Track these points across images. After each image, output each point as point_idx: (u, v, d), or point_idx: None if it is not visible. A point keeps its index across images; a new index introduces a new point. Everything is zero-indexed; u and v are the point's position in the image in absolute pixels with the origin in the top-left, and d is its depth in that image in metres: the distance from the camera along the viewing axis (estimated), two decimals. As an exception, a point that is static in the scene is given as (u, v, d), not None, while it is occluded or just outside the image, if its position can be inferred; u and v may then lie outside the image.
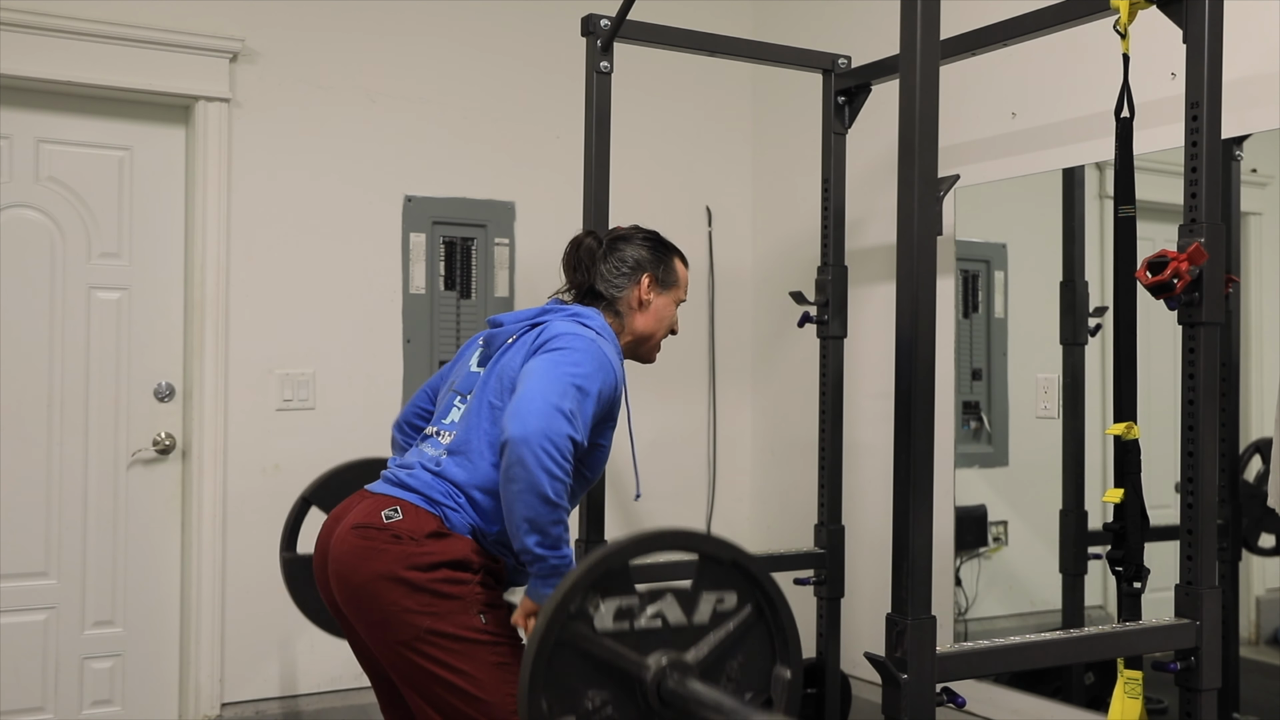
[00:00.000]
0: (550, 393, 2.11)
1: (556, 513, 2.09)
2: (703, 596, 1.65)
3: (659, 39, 3.09)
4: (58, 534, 3.46)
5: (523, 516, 2.08)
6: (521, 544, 2.11)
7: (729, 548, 1.65)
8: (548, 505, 2.07)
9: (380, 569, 2.14)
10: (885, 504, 2.08)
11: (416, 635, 2.13)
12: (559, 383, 2.13)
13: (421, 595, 2.13)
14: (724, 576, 1.66)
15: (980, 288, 3.60)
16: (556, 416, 2.08)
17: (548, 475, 2.06)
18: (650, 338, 2.50)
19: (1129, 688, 2.31)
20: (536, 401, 2.09)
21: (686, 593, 1.65)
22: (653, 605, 1.62)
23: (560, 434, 2.08)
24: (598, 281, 2.45)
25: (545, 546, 2.10)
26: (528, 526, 2.08)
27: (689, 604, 1.64)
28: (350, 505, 2.32)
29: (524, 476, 2.06)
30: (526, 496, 2.07)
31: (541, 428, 2.06)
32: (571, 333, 2.26)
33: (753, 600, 1.67)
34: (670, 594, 1.64)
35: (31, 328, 3.43)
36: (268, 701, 3.63)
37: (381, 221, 3.82)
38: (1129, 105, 2.38)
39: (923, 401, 1.93)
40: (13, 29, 3.29)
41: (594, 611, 1.58)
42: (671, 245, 2.54)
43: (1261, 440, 2.81)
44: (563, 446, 2.08)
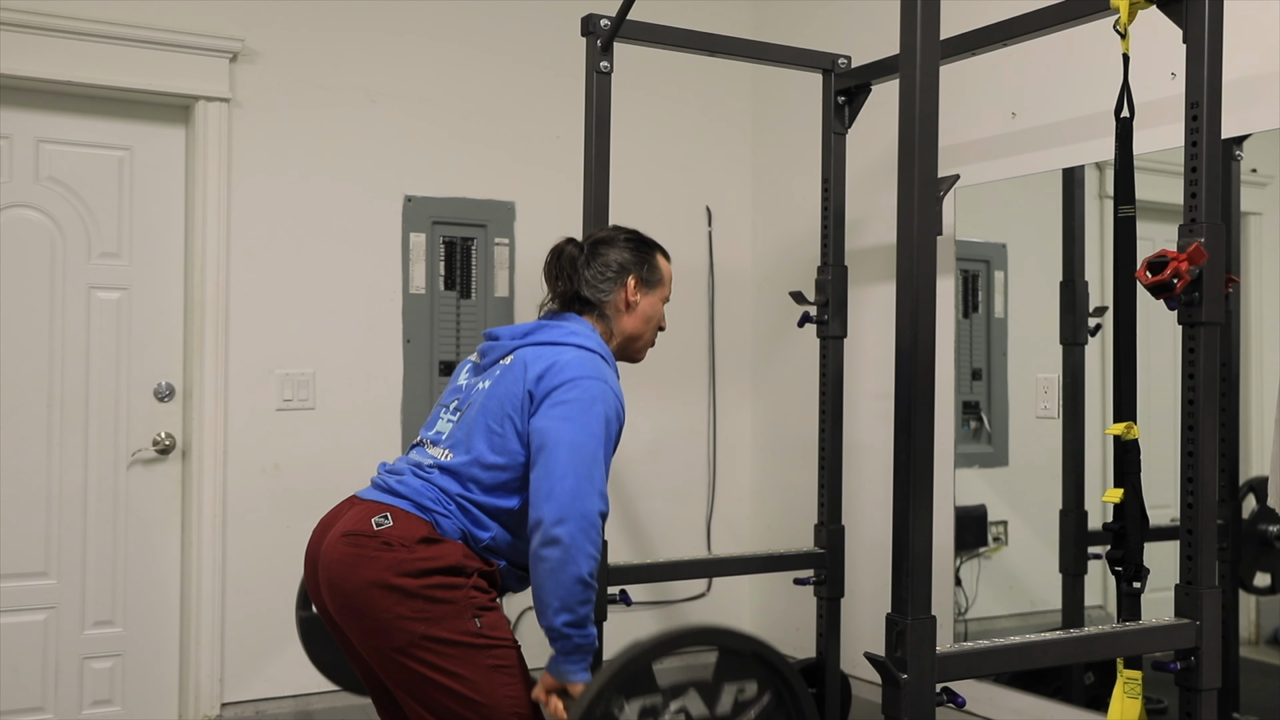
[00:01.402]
0: (580, 465, 2.13)
1: (588, 592, 2.11)
2: (724, 688, 1.67)
3: (659, 39, 3.09)
4: (58, 534, 3.46)
5: (554, 595, 2.10)
6: (549, 622, 2.12)
7: (748, 640, 1.67)
8: (582, 586, 2.10)
9: (371, 576, 2.13)
10: (885, 504, 2.08)
11: (411, 641, 2.12)
12: (587, 454, 2.15)
13: (415, 601, 2.12)
14: (743, 667, 1.68)
15: (980, 288, 3.60)
16: (590, 495, 2.12)
17: (585, 556, 2.09)
18: (639, 338, 2.49)
19: (1129, 688, 2.31)
20: (569, 480, 2.12)
21: (708, 685, 1.66)
22: (676, 701, 1.65)
23: (594, 512, 2.12)
24: (583, 288, 2.42)
25: (572, 626, 2.12)
26: (558, 604, 2.10)
27: (711, 697, 1.67)
28: (340, 512, 2.31)
29: (559, 558, 2.08)
30: (560, 577, 2.09)
31: (578, 509, 2.10)
32: (581, 376, 2.23)
33: (772, 687, 1.69)
34: (692, 688, 1.66)
35: (31, 328, 3.44)
36: (268, 701, 3.63)
37: (381, 221, 3.82)
38: (1129, 105, 2.38)
39: (923, 401, 1.93)
40: (13, 29, 3.29)
41: (619, 713, 1.59)
42: (653, 243, 2.52)
43: (1256, 479, 2.82)
44: (598, 525, 2.13)
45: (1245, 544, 2.82)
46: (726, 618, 4.37)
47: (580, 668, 2.13)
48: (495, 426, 2.24)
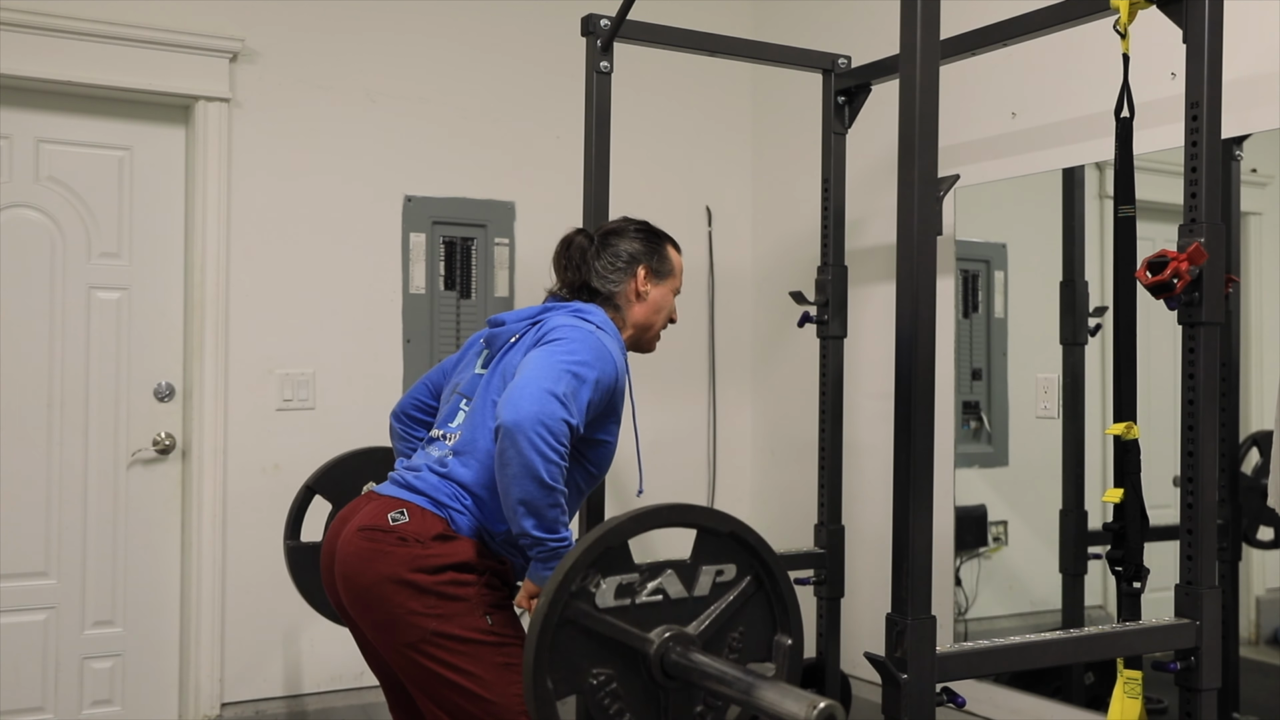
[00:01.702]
0: (544, 378, 2.11)
1: (552, 495, 2.09)
2: (702, 569, 1.66)
3: (659, 39, 3.09)
4: (58, 534, 3.46)
5: (518, 500, 2.08)
6: (519, 528, 2.11)
7: (726, 519, 1.65)
8: (542, 488, 2.07)
9: (386, 571, 2.15)
10: (885, 504, 2.08)
11: (423, 637, 2.13)
12: (553, 369, 2.14)
13: (427, 597, 2.13)
14: (722, 549, 1.66)
15: (980, 288, 3.60)
16: (549, 400, 2.09)
17: (541, 458, 2.06)
18: (650, 328, 2.51)
19: (1129, 688, 2.31)
20: (530, 387, 2.10)
21: (686, 566, 1.65)
22: (653, 580, 1.63)
23: (553, 416, 2.08)
24: (593, 278, 2.44)
25: (542, 529, 2.11)
26: (524, 510, 2.09)
27: (689, 577, 1.65)
28: (357, 507, 2.33)
29: (517, 460, 2.06)
30: (521, 480, 2.07)
31: (534, 411, 2.06)
32: (569, 324, 2.27)
33: (752, 571, 1.67)
34: (670, 568, 1.64)
35: (31, 328, 3.43)
36: (268, 701, 3.63)
37: (381, 221, 3.82)
38: (1129, 105, 2.38)
39: (923, 401, 1.93)
40: (13, 29, 3.29)
41: (595, 589, 1.58)
42: (664, 234, 2.54)
43: (1259, 433, 2.81)
44: (556, 430, 2.08)
45: (1247, 498, 2.82)
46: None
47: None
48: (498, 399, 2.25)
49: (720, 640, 1.65)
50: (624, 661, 1.60)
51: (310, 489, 2.85)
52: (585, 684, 1.57)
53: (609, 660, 1.59)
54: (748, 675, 1.54)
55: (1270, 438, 2.63)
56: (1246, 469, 2.85)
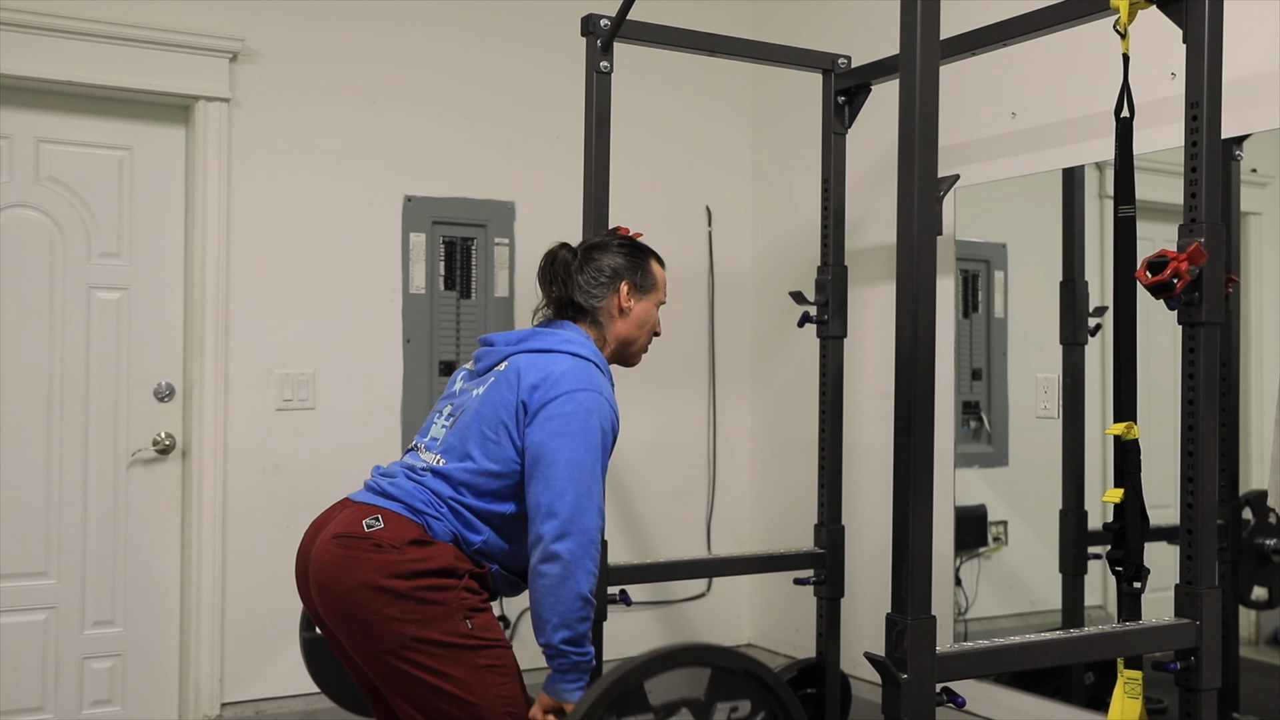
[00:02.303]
0: (579, 481, 2.16)
1: (587, 609, 2.14)
2: (717, 707, 1.67)
3: (659, 39, 3.09)
4: (58, 534, 3.46)
5: (553, 611, 2.12)
6: (547, 639, 2.14)
7: (741, 659, 1.66)
8: (582, 603, 2.13)
9: (361, 578, 2.14)
10: (885, 504, 2.08)
11: (402, 643, 2.12)
12: (585, 470, 2.18)
13: (405, 603, 2.12)
14: (737, 686, 1.67)
15: (980, 288, 3.60)
16: (590, 511, 2.15)
17: (585, 573, 2.12)
18: (633, 342, 2.50)
19: (1129, 688, 2.31)
20: (568, 495, 2.14)
21: (700, 705, 1.66)
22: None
23: (595, 528, 2.15)
24: (576, 293, 2.43)
25: (570, 644, 2.14)
26: (557, 621, 2.12)
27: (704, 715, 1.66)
28: (332, 514, 2.31)
29: (559, 574, 2.11)
30: (560, 593, 2.11)
31: (578, 525, 2.13)
32: (576, 389, 2.24)
33: (766, 707, 1.68)
34: (685, 707, 1.65)
35: (31, 328, 3.43)
36: (268, 701, 3.63)
37: (381, 221, 3.82)
38: (1129, 105, 2.38)
39: (923, 401, 1.93)
40: (13, 29, 3.29)
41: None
42: (647, 249, 2.53)
43: (1252, 493, 2.82)
44: (597, 540, 2.15)
45: (1242, 557, 2.82)
46: (726, 618, 4.37)
47: (577, 686, 2.14)
48: (490, 434, 2.25)
49: None
50: None
51: None
52: None
53: None
54: None
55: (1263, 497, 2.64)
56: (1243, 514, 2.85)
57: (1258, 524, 2.81)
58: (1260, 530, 2.80)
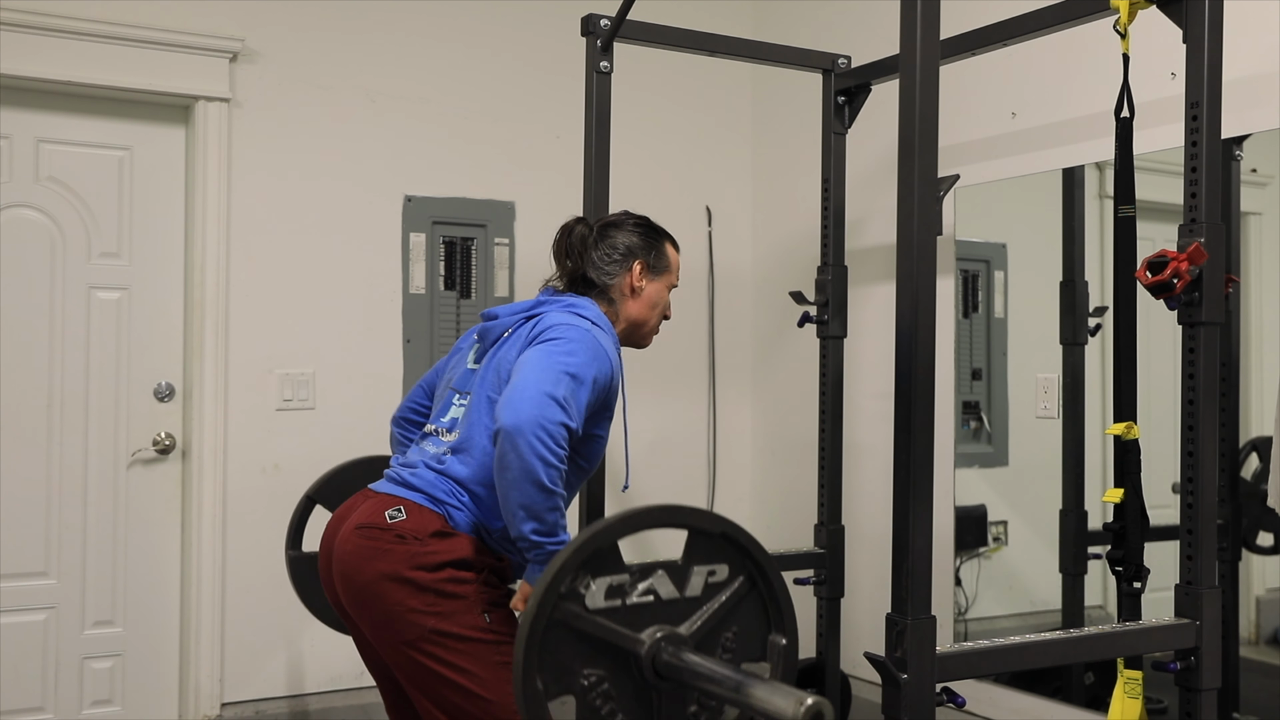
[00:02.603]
0: (543, 381, 2.12)
1: (552, 499, 2.10)
2: (694, 570, 1.65)
3: (659, 39, 3.09)
4: (58, 534, 3.46)
5: (518, 504, 2.08)
6: (518, 531, 2.11)
7: (717, 520, 1.65)
8: (543, 492, 2.08)
9: (385, 569, 2.15)
10: (885, 504, 2.08)
11: (421, 635, 2.13)
12: (552, 371, 2.14)
13: (426, 595, 2.13)
14: (714, 549, 1.66)
15: (980, 288, 3.60)
16: (549, 404, 2.09)
17: (542, 462, 2.07)
18: (644, 323, 2.51)
19: (1129, 688, 2.31)
20: (529, 390, 2.10)
21: (677, 567, 1.65)
22: (644, 581, 1.62)
23: (553, 420, 2.08)
24: (589, 269, 2.45)
25: (541, 534, 2.11)
26: (524, 514, 2.09)
27: (680, 578, 1.64)
28: (354, 505, 2.33)
29: (518, 464, 2.06)
30: (521, 484, 2.07)
31: (534, 415, 2.07)
32: (565, 323, 2.27)
33: (744, 571, 1.67)
34: (661, 569, 1.64)
35: (31, 328, 3.43)
36: (268, 701, 3.63)
37: (381, 221, 3.82)
38: (1129, 105, 2.38)
39: (923, 401, 1.93)
40: (13, 29, 3.29)
41: (585, 590, 1.57)
42: (662, 230, 2.54)
43: (1259, 438, 2.81)
44: (556, 433, 2.09)
45: (1247, 504, 2.82)
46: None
47: None
48: (494, 395, 2.26)
49: (713, 641, 1.65)
50: (615, 662, 1.59)
51: (311, 499, 2.84)
52: (577, 685, 1.57)
53: (600, 661, 1.58)
54: (739, 674, 1.54)
55: (1269, 442, 2.63)
56: (1246, 474, 2.85)
57: (1262, 470, 2.79)
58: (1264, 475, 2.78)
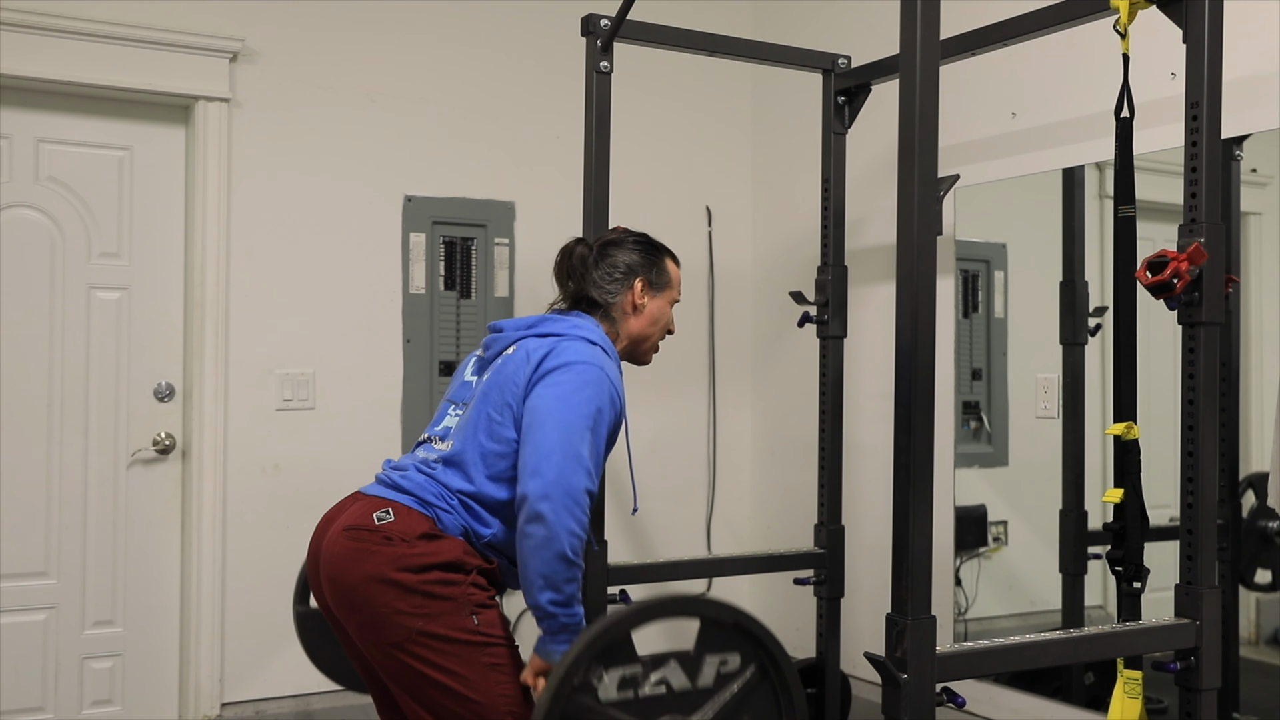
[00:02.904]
0: (567, 443, 2.13)
1: (573, 570, 2.11)
2: (706, 660, 1.65)
3: (659, 39, 3.09)
4: (58, 534, 3.46)
5: (538, 573, 2.10)
6: (534, 600, 2.12)
7: (730, 610, 1.65)
8: (565, 563, 2.09)
9: (371, 570, 2.14)
10: (885, 504, 2.08)
11: (408, 637, 2.13)
12: (574, 430, 2.15)
13: (413, 597, 2.13)
14: (726, 639, 1.66)
15: (980, 288, 3.60)
16: (576, 471, 2.11)
17: (568, 534, 2.08)
18: (646, 340, 2.51)
19: (1129, 688, 2.31)
20: (555, 456, 2.11)
21: (689, 657, 1.65)
22: (656, 672, 1.62)
23: (580, 489, 2.11)
24: (591, 289, 2.44)
25: (558, 604, 2.12)
26: (542, 583, 2.10)
27: (692, 668, 1.65)
28: (343, 507, 2.32)
29: (543, 534, 2.08)
30: (544, 554, 2.08)
31: (562, 486, 2.09)
32: (578, 361, 2.24)
33: (756, 660, 1.67)
34: (673, 659, 1.64)
35: (31, 328, 3.43)
36: (268, 701, 3.63)
37: (381, 221, 3.82)
38: (1129, 105, 2.38)
39: (923, 401, 1.93)
40: (13, 29, 3.29)
41: (598, 683, 1.58)
42: (662, 246, 2.54)
43: (1254, 475, 2.82)
44: (583, 502, 2.11)
45: (1245, 540, 2.82)
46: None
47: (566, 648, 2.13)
48: (495, 415, 2.25)
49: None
50: None
51: None
52: None
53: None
54: None
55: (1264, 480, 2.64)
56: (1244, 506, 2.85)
57: (1260, 507, 2.80)
58: (1263, 513, 2.79)
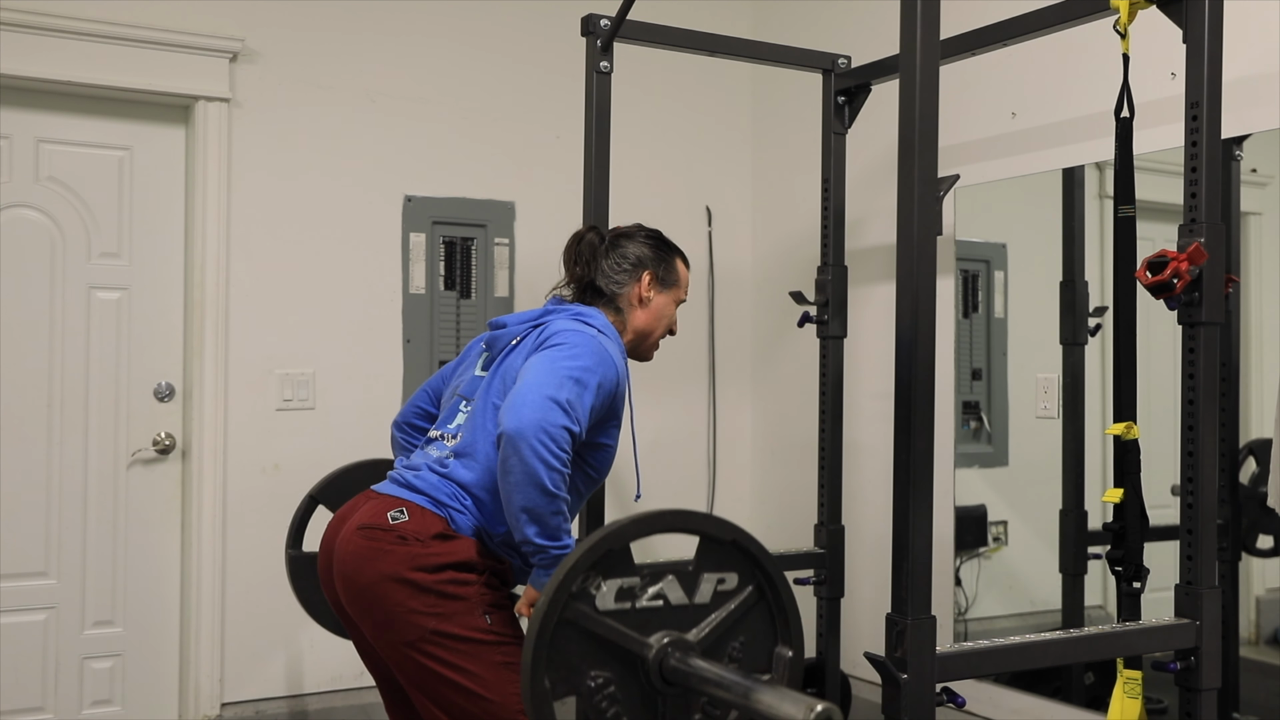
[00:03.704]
0: (546, 385, 2.12)
1: (555, 503, 2.11)
2: (704, 577, 1.65)
3: (659, 39, 3.09)
4: (58, 534, 3.46)
5: (520, 507, 2.09)
6: (522, 535, 2.12)
7: (729, 528, 1.65)
8: (545, 495, 2.09)
9: (386, 570, 2.15)
10: (885, 504, 2.08)
11: (422, 636, 2.13)
12: (555, 375, 2.15)
13: (427, 596, 2.13)
14: (725, 557, 1.66)
15: (980, 288, 3.60)
16: (552, 408, 2.10)
17: (544, 465, 2.07)
18: (649, 335, 2.52)
19: (1129, 688, 2.31)
20: (532, 394, 2.11)
21: (687, 573, 1.65)
22: (654, 585, 1.62)
23: (556, 424, 2.09)
24: (598, 277, 2.46)
25: (545, 536, 2.12)
26: (526, 517, 2.10)
27: (690, 584, 1.64)
28: (356, 506, 2.33)
29: (520, 468, 2.07)
30: (524, 487, 2.08)
31: (537, 419, 2.08)
32: (571, 329, 2.28)
33: (754, 581, 1.67)
34: (671, 574, 1.64)
35: (31, 328, 3.43)
36: (268, 701, 3.63)
37: (381, 221, 3.82)
38: (1129, 105, 2.38)
39: (923, 401, 1.93)
40: (13, 29, 3.29)
41: (595, 591, 1.58)
42: (674, 245, 2.56)
43: (1255, 441, 2.82)
44: (559, 437, 2.09)
45: (1246, 506, 2.82)
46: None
47: None
48: (498, 401, 2.27)
49: (720, 649, 1.65)
50: (623, 665, 1.59)
51: (314, 499, 2.84)
52: (583, 685, 1.57)
53: (608, 663, 1.58)
54: (746, 680, 1.54)
55: (1267, 445, 2.63)
56: (1244, 477, 2.85)
57: (1260, 473, 2.80)
58: (1263, 478, 2.78)
